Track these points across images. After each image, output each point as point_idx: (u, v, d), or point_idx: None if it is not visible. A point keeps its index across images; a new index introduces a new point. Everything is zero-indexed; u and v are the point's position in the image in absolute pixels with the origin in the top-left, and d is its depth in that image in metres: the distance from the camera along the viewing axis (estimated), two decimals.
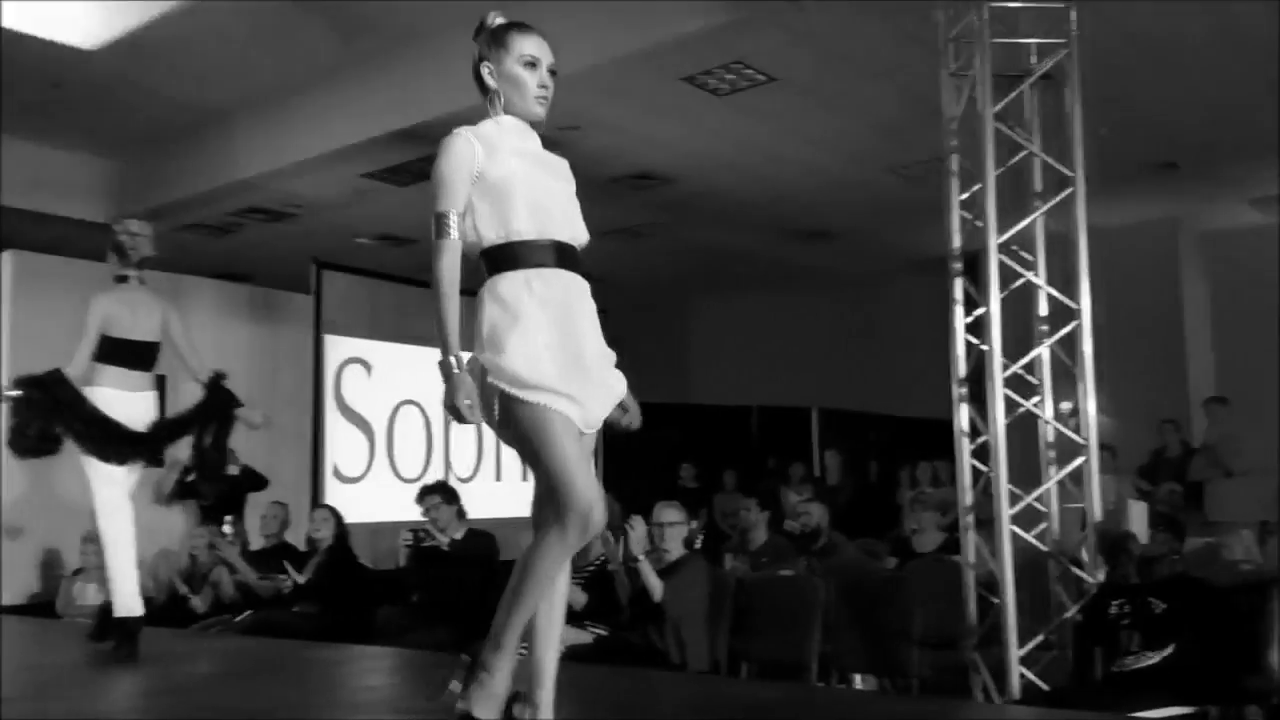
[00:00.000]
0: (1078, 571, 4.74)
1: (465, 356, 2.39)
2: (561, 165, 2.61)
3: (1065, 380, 5.01)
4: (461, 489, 6.83)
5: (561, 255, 2.47)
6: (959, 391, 5.02)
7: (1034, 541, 4.79)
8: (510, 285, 2.41)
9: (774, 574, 5.48)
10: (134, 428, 4.16)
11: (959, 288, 5.09)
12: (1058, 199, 4.93)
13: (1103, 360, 4.90)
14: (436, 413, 9.19)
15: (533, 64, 2.54)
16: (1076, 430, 4.86)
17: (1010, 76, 4.99)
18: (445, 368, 2.36)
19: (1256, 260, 9.21)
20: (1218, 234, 9.66)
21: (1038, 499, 4.86)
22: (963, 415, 5.02)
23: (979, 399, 4.90)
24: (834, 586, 4.88)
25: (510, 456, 9.90)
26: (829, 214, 9.64)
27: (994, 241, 4.80)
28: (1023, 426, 4.92)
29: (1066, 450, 4.90)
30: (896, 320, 11.33)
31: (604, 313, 2.51)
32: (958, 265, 5.10)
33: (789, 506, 7.08)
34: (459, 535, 6.01)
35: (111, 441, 4.09)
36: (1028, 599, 4.66)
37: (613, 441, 3.21)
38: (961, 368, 5.04)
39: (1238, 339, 9.09)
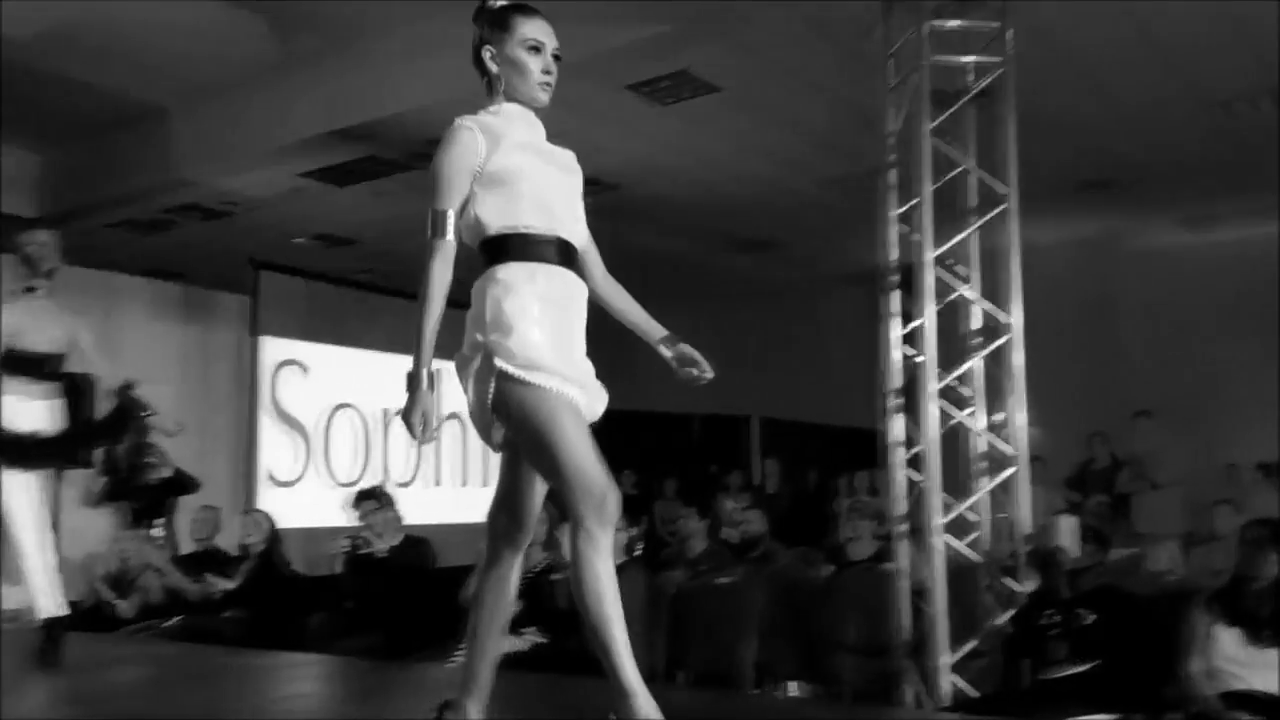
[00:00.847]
0: (1008, 580, 4.82)
1: (437, 366, 2.30)
2: (567, 158, 2.52)
3: (996, 392, 5.09)
4: (398, 494, 6.77)
5: (564, 253, 2.41)
6: (892, 402, 5.08)
7: (965, 550, 4.86)
8: (514, 274, 2.32)
9: (711, 582, 5.50)
10: (40, 434, 4.11)
11: (894, 300, 5.16)
12: (992, 214, 5.02)
13: (1033, 373, 4.99)
14: (373, 416, 9.11)
15: (537, 48, 2.45)
16: (1007, 441, 4.94)
17: (948, 93, 5.07)
18: (414, 379, 2.28)
19: (1185, 278, 9.47)
20: (1149, 251, 9.88)
21: (969, 508, 4.93)
22: (896, 426, 5.08)
23: (911, 410, 4.97)
24: (769, 594, 4.92)
25: (450, 461, 9.83)
26: (770, 224, 9.71)
27: (929, 255, 4.87)
28: (954, 437, 5.00)
29: (997, 461, 4.98)
30: (836, 330, 11.43)
31: None
32: (893, 278, 5.17)
33: (725, 514, 7.11)
34: (396, 541, 5.95)
35: (12, 447, 4.02)
36: (958, 607, 4.73)
37: None
38: (896, 378, 5.10)
39: (1165, 354, 9.32)
